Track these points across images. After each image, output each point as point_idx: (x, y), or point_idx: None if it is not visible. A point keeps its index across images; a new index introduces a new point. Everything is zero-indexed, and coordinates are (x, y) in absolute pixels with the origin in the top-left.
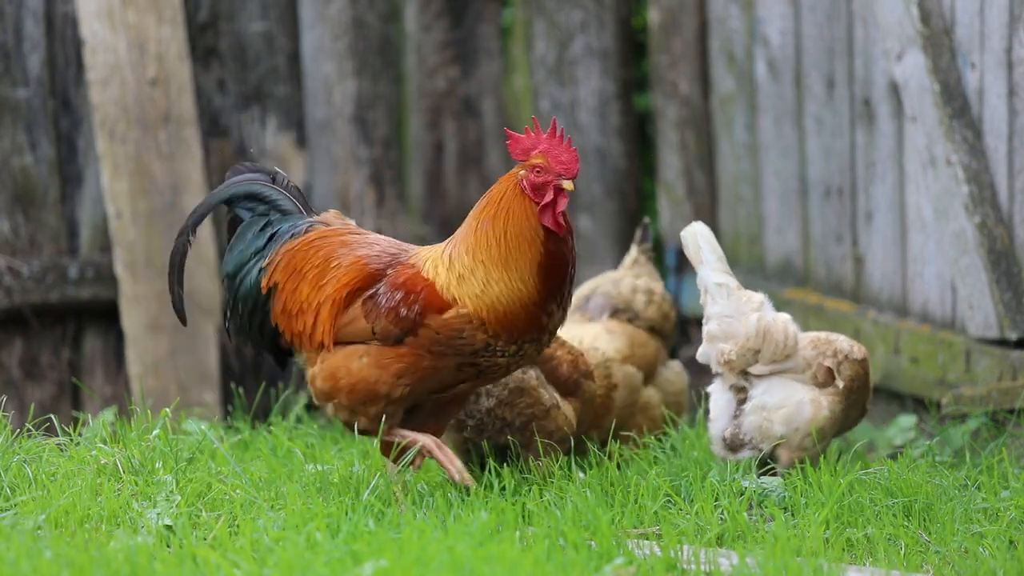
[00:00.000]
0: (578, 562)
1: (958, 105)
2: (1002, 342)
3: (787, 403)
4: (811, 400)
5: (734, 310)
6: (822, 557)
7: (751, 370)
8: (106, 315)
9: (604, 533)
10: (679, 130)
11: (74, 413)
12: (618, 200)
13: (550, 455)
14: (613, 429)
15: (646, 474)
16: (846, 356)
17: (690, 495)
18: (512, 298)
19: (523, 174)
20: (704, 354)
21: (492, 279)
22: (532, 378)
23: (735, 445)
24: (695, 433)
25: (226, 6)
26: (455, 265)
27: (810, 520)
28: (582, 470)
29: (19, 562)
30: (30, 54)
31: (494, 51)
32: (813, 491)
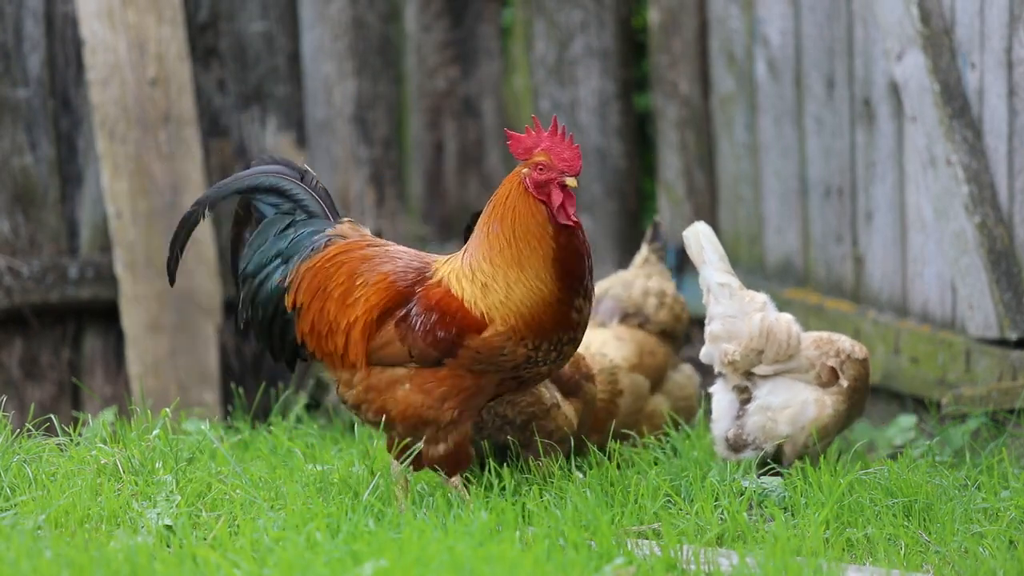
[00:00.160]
0: (578, 562)
1: (958, 105)
2: (1002, 342)
3: (792, 403)
4: (815, 400)
5: (737, 310)
6: (822, 557)
7: (755, 370)
8: (106, 315)
9: (604, 533)
10: (679, 130)
11: (74, 413)
12: (618, 200)
13: (550, 455)
14: (616, 434)
15: (646, 474)
16: (848, 356)
17: (690, 495)
18: (534, 298)
19: (526, 172)
20: (707, 354)
21: (511, 281)
22: None
23: (738, 446)
24: (696, 433)
25: (226, 6)
26: (477, 276)
27: (810, 520)
28: (581, 471)
29: (19, 562)
30: (30, 54)
31: (494, 51)
32: (813, 491)
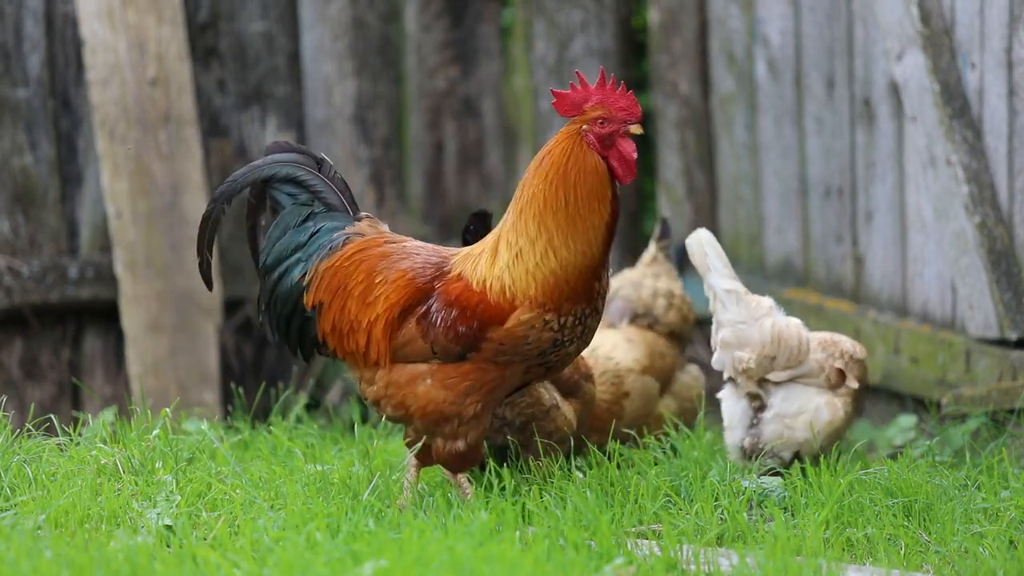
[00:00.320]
0: (578, 562)
1: (958, 105)
2: (1002, 342)
3: (806, 408)
4: (827, 403)
5: (746, 316)
6: (822, 557)
7: (770, 377)
8: (106, 315)
9: (604, 533)
10: (679, 130)
11: (74, 413)
12: None
13: (550, 455)
14: (625, 436)
15: (646, 474)
16: (851, 357)
17: (690, 495)
18: (575, 263)
19: (586, 128)
20: (719, 361)
21: (556, 246)
22: None
23: (754, 454)
24: (696, 433)
25: (226, 6)
26: (515, 243)
27: (810, 520)
28: (581, 471)
29: (19, 562)
30: (30, 54)
31: (494, 51)
32: (813, 491)
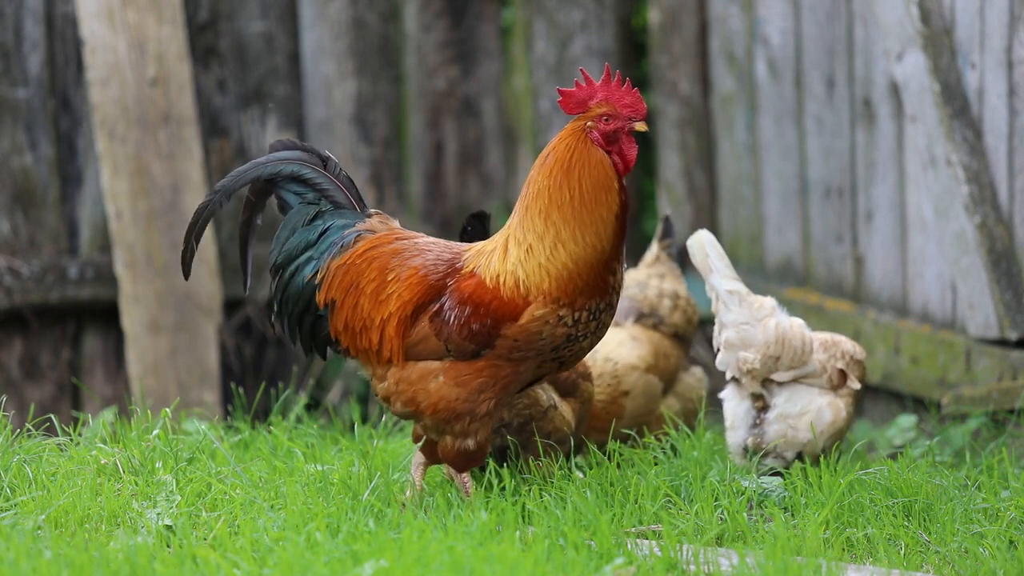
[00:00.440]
0: (578, 562)
1: (958, 105)
2: (1002, 342)
3: (809, 409)
4: (829, 404)
5: (750, 317)
6: (822, 557)
7: (775, 377)
8: (106, 315)
9: (604, 533)
10: (679, 130)
11: (74, 413)
12: None
13: (550, 455)
14: (625, 435)
15: (646, 474)
16: (852, 357)
17: (690, 495)
18: (587, 257)
19: (591, 125)
20: (723, 362)
21: (564, 239)
22: None
23: (757, 454)
24: (696, 434)
25: (226, 6)
26: (525, 237)
27: (810, 520)
28: (581, 471)
29: (19, 562)
30: (30, 54)
31: (494, 51)
32: (813, 491)
